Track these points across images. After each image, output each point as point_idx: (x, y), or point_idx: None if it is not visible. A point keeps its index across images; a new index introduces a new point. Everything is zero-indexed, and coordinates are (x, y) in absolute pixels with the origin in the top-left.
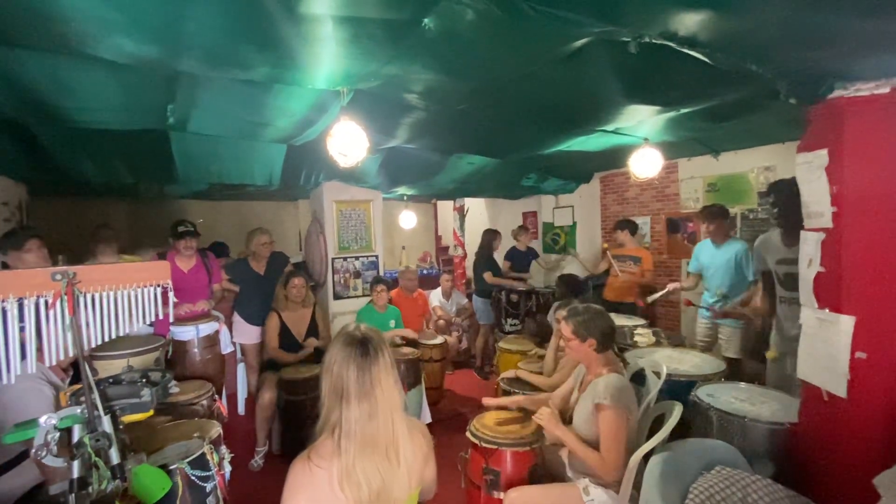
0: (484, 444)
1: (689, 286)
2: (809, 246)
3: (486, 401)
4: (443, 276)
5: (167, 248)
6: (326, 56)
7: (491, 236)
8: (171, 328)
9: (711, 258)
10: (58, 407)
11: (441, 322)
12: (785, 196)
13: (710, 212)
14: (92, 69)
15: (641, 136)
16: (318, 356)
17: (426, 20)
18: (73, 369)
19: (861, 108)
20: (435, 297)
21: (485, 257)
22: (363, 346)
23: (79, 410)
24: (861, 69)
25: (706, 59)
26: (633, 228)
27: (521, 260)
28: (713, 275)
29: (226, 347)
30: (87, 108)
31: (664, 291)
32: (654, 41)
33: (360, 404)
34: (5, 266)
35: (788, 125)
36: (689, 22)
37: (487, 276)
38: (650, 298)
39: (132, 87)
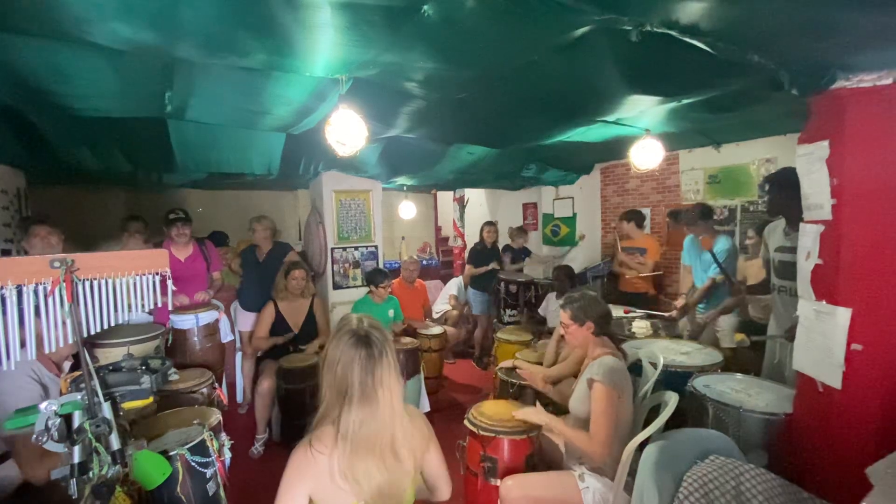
0: (482, 433)
1: (689, 286)
2: (808, 238)
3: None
4: (467, 266)
5: (162, 238)
6: (324, 43)
7: (483, 230)
8: (171, 317)
9: (694, 256)
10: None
11: (454, 313)
12: (778, 186)
13: (690, 216)
14: (89, 56)
15: (642, 127)
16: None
17: (425, 7)
18: (74, 358)
19: (863, 100)
20: (454, 284)
21: (475, 250)
22: (368, 346)
23: (79, 397)
24: (863, 60)
25: (708, 49)
26: (639, 220)
27: (515, 256)
28: (694, 272)
29: (225, 336)
30: (84, 95)
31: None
32: (655, 30)
33: (361, 408)
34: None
35: (790, 117)
36: (691, 10)
37: (468, 269)
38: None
39: (130, 75)
